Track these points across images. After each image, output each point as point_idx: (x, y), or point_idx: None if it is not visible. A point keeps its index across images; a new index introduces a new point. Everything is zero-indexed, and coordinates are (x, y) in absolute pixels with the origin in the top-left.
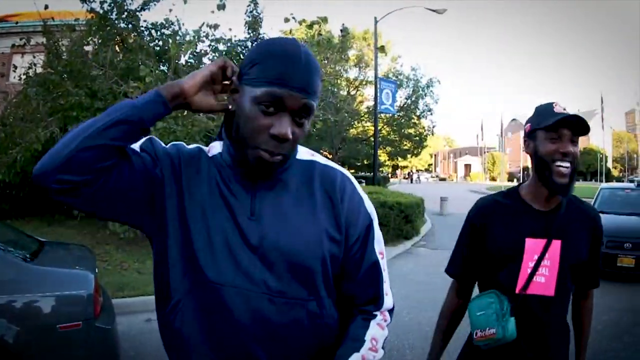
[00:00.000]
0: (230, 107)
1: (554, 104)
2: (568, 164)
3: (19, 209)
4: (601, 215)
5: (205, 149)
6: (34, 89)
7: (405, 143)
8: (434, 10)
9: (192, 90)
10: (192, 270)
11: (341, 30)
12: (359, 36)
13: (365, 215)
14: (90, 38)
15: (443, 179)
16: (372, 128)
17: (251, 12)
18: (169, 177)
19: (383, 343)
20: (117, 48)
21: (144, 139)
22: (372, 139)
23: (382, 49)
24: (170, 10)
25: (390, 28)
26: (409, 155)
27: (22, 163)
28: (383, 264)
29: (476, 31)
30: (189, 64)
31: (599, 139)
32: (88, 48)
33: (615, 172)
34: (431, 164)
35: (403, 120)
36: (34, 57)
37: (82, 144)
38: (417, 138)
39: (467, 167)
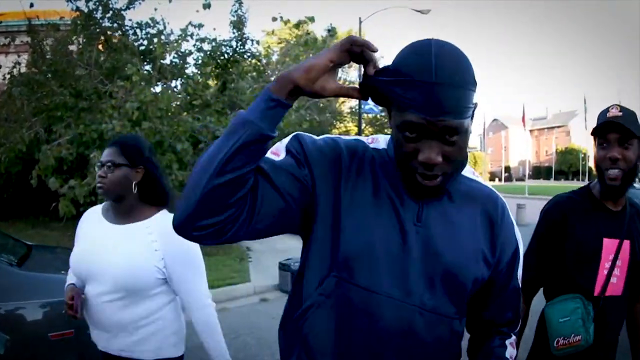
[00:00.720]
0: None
1: (610, 108)
2: (617, 170)
3: (3, 210)
4: None
5: (367, 140)
6: (19, 89)
7: None
8: (418, 11)
9: (308, 85)
10: (339, 273)
11: (328, 31)
12: (343, 36)
13: (514, 241)
14: (75, 37)
15: None
16: (355, 128)
17: (236, 11)
18: (321, 176)
19: None
20: (101, 47)
21: (289, 139)
22: None
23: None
24: (156, 10)
25: (376, 26)
26: None
27: (6, 164)
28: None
29: (460, 31)
30: (174, 63)
31: (580, 139)
32: (73, 47)
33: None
34: None
35: (386, 119)
36: (19, 56)
37: (209, 184)
38: None
39: None
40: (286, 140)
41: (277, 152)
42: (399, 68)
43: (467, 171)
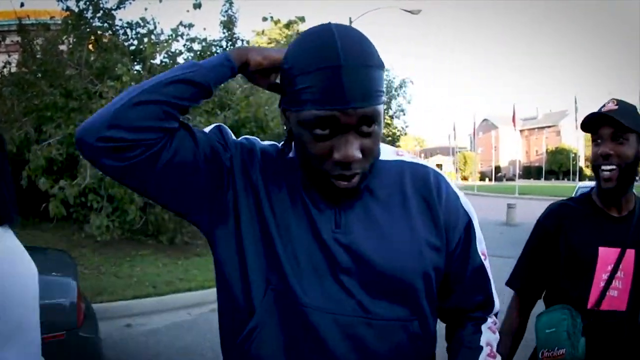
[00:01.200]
0: (285, 127)
1: (607, 102)
2: (612, 166)
3: None
4: None
5: (280, 145)
6: (9, 89)
7: None
8: (408, 11)
9: (255, 68)
10: (278, 290)
11: None
12: None
13: (463, 214)
14: (65, 37)
15: None
16: None
17: (226, 11)
18: (240, 172)
19: (497, 347)
20: (91, 47)
21: (211, 127)
22: None
23: None
24: (146, 9)
25: (367, 26)
26: None
27: None
28: (487, 264)
29: (452, 31)
30: (164, 63)
31: (571, 139)
32: (63, 47)
33: (587, 171)
34: None
35: None
36: (9, 56)
37: (136, 97)
38: (390, 139)
39: (439, 166)
40: (207, 128)
41: None
42: (297, 58)
43: (390, 152)
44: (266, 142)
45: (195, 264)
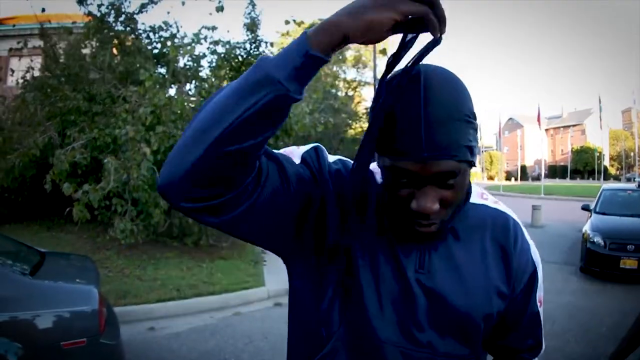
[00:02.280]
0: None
1: None
2: None
3: (18, 213)
4: (603, 217)
5: (374, 169)
6: (32, 94)
7: None
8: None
9: (362, 39)
10: (355, 321)
11: None
12: None
13: (531, 263)
14: (87, 41)
15: None
16: None
17: (249, 14)
18: (332, 205)
19: None
20: (115, 51)
21: (308, 147)
22: None
23: (383, 51)
24: (168, 13)
25: None
26: None
27: (21, 168)
28: (541, 310)
29: (475, 29)
30: (187, 66)
31: (596, 138)
32: (86, 51)
33: (612, 170)
34: None
35: None
36: (31, 60)
37: (211, 149)
38: None
39: None
40: (304, 147)
41: (290, 154)
42: (386, 96)
43: (476, 194)
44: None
45: (219, 267)
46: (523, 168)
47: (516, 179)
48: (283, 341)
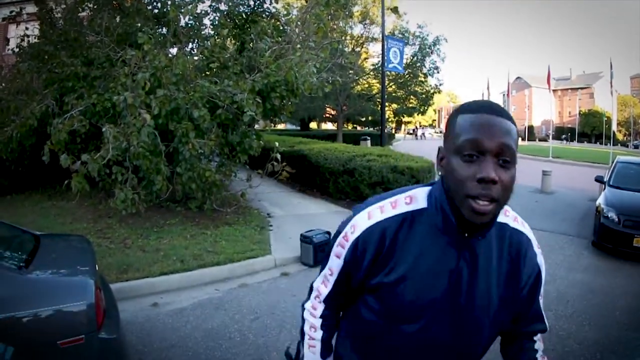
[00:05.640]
0: (439, 173)
1: None
2: None
3: (19, 183)
4: (618, 191)
5: (406, 200)
6: (26, 64)
7: (411, 101)
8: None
9: None
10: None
11: None
12: None
13: (536, 267)
14: (85, 4)
15: None
16: (377, 85)
17: None
18: (368, 264)
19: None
20: (113, 13)
21: (349, 245)
22: (377, 96)
23: (395, 10)
24: None
25: None
26: (415, 113)
27: (19, 138)
28: (542, 302)
29: None
30: (189, 25)
31: (604, 102)
32: (84, 14)
33: (619, 136)
34: (435, 120)
35: (409, 78)
36: (27, 28)
37: None
38: (424, 96)
39: None
40: (347, 246)
41: (342, 247)
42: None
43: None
44: (388, 215)
45: (224, 234)
46: (530, 128)
47: (523, 139)
48: (289, 317)
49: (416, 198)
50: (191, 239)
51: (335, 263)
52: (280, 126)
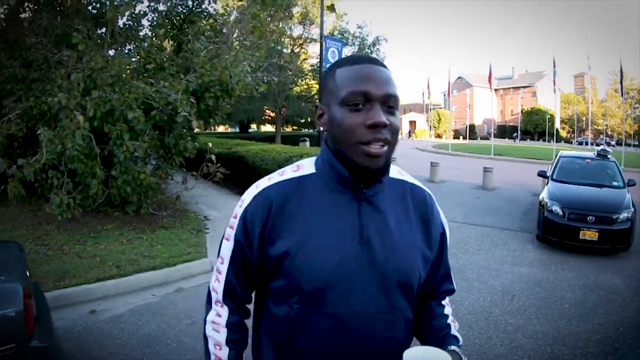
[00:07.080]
0: (321, 128)
1: None
2: None
3: None
4: (561, 185)
5: (293, 168)
6: None
7: None
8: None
9: None
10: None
11: None
12: None
13: (440, 226)
14: (26, 4)
15: None
16: (316, 86)
17: None
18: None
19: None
20: (54, 14)
21: (237, 223)
22: (316, 97)
23: (331, 7)
24: None
25: None
26: None
27: None
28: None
29: None
30: (127, 26)
31: (547, 100)
32: (25, 15)
33: (563, 133)
34: None
35: None
36: None
37: None
38: None
39: (412, 123)
40: (236, 223)
41: (231, 228)
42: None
43: (395, 170)
44: (279, 179)
45: (160, 238)
46: (472, 127)
47: (464, 138)
48: None
49: (303, 166)
50: (128, 244)
51: (225, 248)
52: (221, 129)
